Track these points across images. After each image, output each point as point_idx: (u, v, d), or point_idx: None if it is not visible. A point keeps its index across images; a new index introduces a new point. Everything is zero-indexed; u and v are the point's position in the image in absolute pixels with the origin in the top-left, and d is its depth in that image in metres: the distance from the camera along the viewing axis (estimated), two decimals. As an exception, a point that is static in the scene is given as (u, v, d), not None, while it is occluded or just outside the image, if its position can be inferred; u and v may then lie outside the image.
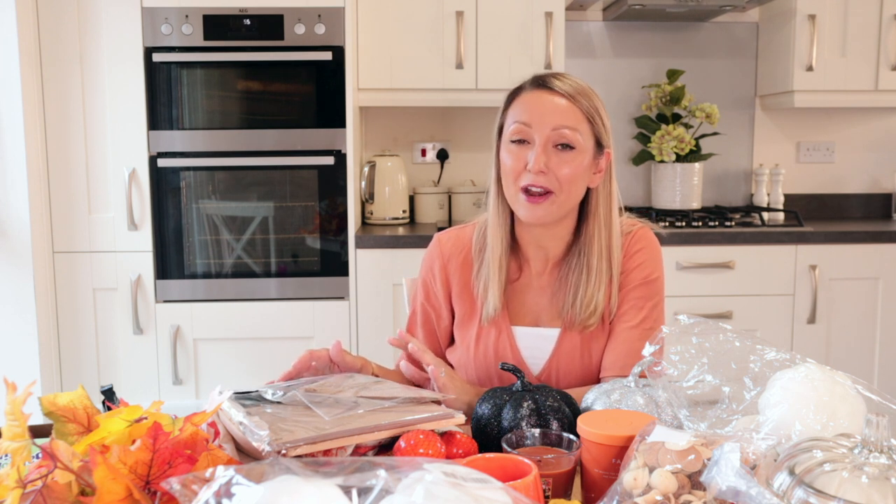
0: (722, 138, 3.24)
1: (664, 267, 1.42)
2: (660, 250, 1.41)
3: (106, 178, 2.58)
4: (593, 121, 1.31)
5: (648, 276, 1.37)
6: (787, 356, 0.95)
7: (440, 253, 1.46)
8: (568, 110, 1.30)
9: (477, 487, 0.62)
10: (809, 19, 2.92)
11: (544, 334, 1.38)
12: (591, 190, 1.36)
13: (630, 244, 1.38)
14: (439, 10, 2.82)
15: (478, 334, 1.40)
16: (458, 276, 1.44)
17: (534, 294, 1.40)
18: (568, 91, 1.31)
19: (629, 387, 1.04)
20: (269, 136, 2.59)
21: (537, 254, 1.40)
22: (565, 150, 1.29)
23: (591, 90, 1.34)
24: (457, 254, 1.44)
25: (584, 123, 1.31)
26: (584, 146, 1.31)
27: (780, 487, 0.72)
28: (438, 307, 1.46)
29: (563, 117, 1.29)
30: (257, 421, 0.94)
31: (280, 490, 0.56)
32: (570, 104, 1.30)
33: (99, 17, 2.52)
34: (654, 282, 1.37)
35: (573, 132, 1.29)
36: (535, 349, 1.39)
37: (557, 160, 1.29)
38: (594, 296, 1.33)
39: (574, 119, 1.30)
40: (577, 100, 1.31)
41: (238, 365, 2.64)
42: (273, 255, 2.63)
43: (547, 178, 1.29)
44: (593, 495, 0.91)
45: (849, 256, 2.78)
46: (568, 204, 1.33)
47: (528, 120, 1.31)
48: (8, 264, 2.48)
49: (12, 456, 0.77)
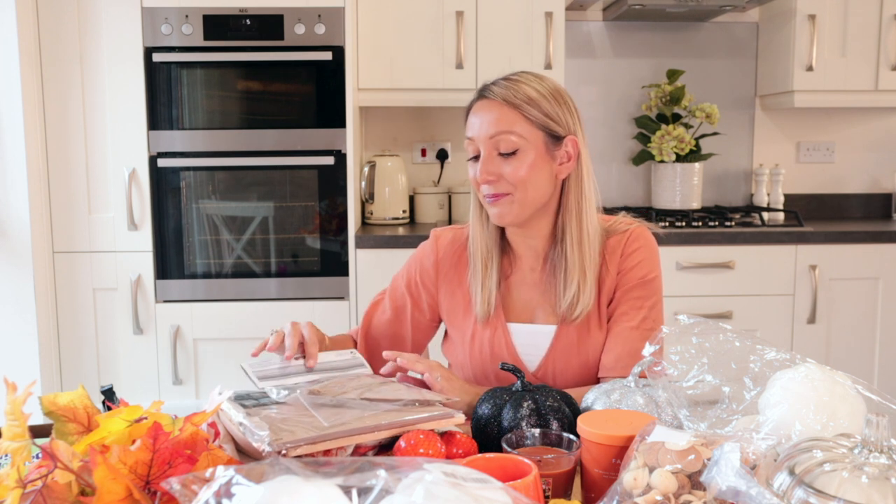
0: (722, 138, 3.24)
1: (662, 266, 1.42)
2: (657, 249, 1.41)
3: (106, 178, 2.58)
4: (531, 116, 1.31)
5: (646, 275, 1.37)
6: (787, 356, 0.95)
7: (435, 249, 1.47)
8: (500, 116, 1.31)
9: (477, 487, 0.62)
10: (809, 19, 2.92)
11: (540, 331, 1.39)
12: (566, 181, 1.36)
13: (627, 243, 1.38)
14: (439, 10, 2.82)
15: (473, 332, 1.41)
16: (451, 275, 1.45)
17: (527, 290, 1.41)
18: (501, 94, 1.32)
19: (629, 387, 1.04)
20: (269, 136, 2.59)
21: (527, 252, 1.41)
22: (506, 156, 1.32)
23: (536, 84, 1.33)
24: (451, 253, 1.46)
25: (521, 122, 1.31)
26: (528, 144, 1.31)
27: (780, 487, 0.72)
28: (418, 297, 1.48)
29: (496, 124, 1.31)
30: (257, 421, 0.94)
31: (280, 490, 0.56)
32: (502, 108, 1.31)
33: (99, 17, 2.52)
34: (651, 281, 1.37)
35: (507, 135, 1.31)
36: (530, 346, 1.39)
37: (501, 164, 1.32)
38: (571, 287, 1.34)
39: (507, 122, 1.31)
40: (511, 101, 1.31)
41: (238, 365, 2.63)
42: (273, 255, 2.64)
43: (497, 185, 1.32)
44: (593, 495, 0.91)
45: (849, 256, 2.78)
46: (531, 200, 1.33)
47: (472, 135, 1.35)
48: (8, 264, 2.48)
49: (12, 456, 0.77)
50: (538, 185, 1.33)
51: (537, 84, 1.33)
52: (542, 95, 1.32)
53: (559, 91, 1.35)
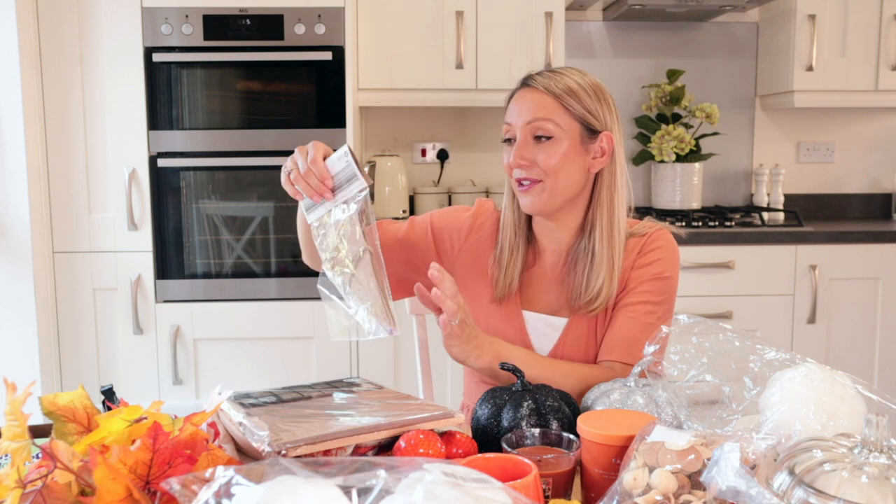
0: (722, 138, 3.24)
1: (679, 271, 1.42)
2: (677, 253, 1.42)
3: (106, 178, 2.58)
4: (570, 107, 1.34)
5: (660, 273, 1.37)
6: (787, 356, 0.95)
7: (475, 214, 1.48)
8: (542, 103, 1.34)
9: (477, 487, 0.62)
10: (809, 19, 2.92)
11: (553, 322, 1.40)
12: (598, 176, 1.38)
13: (646, 243, 1.39)
14: (439, 10, 2.82)
15: (487, 311, 1.42)
16: (478, 245, 1.46)
17: (546, 283, 1.42)
18: (545, 84, 1.35)
19: (629, 387, 1.05)
20: (269, 136, 2.59)
21: (551, 245, 1.42)
22: (543, 141, 1.34)
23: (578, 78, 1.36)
24: (487, 225, 1.47)
25: (560, 112, 1.33)
26: (563, 133, 1.33)
27: (780, 487, 0.72)
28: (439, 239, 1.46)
29: (537, 110, 1.34)
30: (257, 421, 0.94)
31: (280, 490, 0.56)
32: (544, 97, 1.34)
33: (99, 17, 2.52)
34: (665, 279, 1.38)
35: (544, 122, 1.33)
36: (541, 335, 1.40)
37: (536, 150, 1.34)
38: (597, 280, 1.35)
39: (547, 110, 1.33)
40: (553, 90, 1.34)
41: (238, 365, 2.64)
42: (273, 255, 2.63)
43: (529, 170, 1.34)
44: (593, 495, 0.91)
45: (849, 256, 2.79)
46: (560, 190, 1.35)
47: (510, 120, 1.37)
48: (8, 264, 2.48)
49: (12, 456, 0.77)
50: (569, 175, 1.34)
51: (579, 78, 1.37)
52: (582, 89, 1.35)
53: (600, 87, 1.38)
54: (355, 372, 2.67)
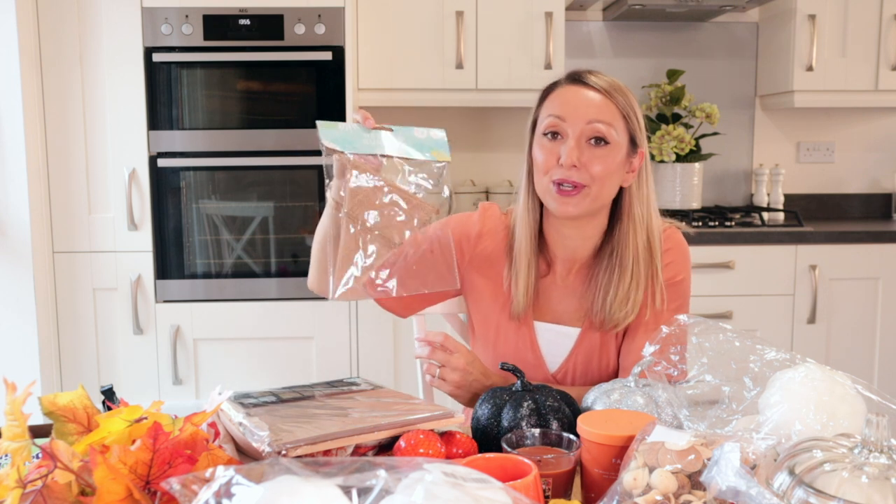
0: (722, 138, 3.24)
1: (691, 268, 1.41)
2: (688, 252, 1.40)
3: (106, 178, 2.58)
4: (628, 118, 1.30)
5: (674, 276, 1.36)
6: (787, 356, 0.95)
7: (482, 220, 1.43)
8: (603, 105, 1.28)
9: (477, 487, 0.62)
10: (809, 19, 2.92)
11: (565, 332, 1.38)
12: (623, 190, 1.34)
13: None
14: (439, 10, 2.82)
15: (498, 323, 1.40)
16: (489, 253, 1.41)
17: (558, 294, 1.39)
18: (603, 86, 1.29)
19: (629, 387, 1.05)
20: (269, 136, 2.59)
21: (564, 254, 1.38)
22: (599, 145, 1.27)
23: (627, 88, 1.33)
24: (495, 232, 1.42)
25: (620, 120, 1.29)
26: (619, 142, 1.29)
27: (780, 487, 0.72)
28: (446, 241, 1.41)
29: (598, 112, 1.28)
30: (257, 421, 0.94)
31: (280, 490, 0.56)
32: (605, 99, 1.29)
33: (99, 17, 2.52)
34: (680, 283, 1.37)
35: (608, 127, 1.27)
36: (553, 345, 1.38)
37: (591, 154, 1.27)
38: (630, 295, 1.31)
39: (609, 114, 1.28)
40: (613, 95, 1.29)
41: (238, 365, 2.64)
42: (273, 255, 2.64)
43: (579, 173, 1.27)
44: (593, 495, 0.91)
45: (849, 256, 2.78)
46: (600, 199, 1.30)
47: (562, 114, 1.29)
48: (8, 264, 2.48)
49: (12, 456, 0.77)
50: (612, 186, 1.31)
51: (630, 93, 1.32)
52: (636, 105, 1.32)
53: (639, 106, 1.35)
54: (355, 372, 2.67)
